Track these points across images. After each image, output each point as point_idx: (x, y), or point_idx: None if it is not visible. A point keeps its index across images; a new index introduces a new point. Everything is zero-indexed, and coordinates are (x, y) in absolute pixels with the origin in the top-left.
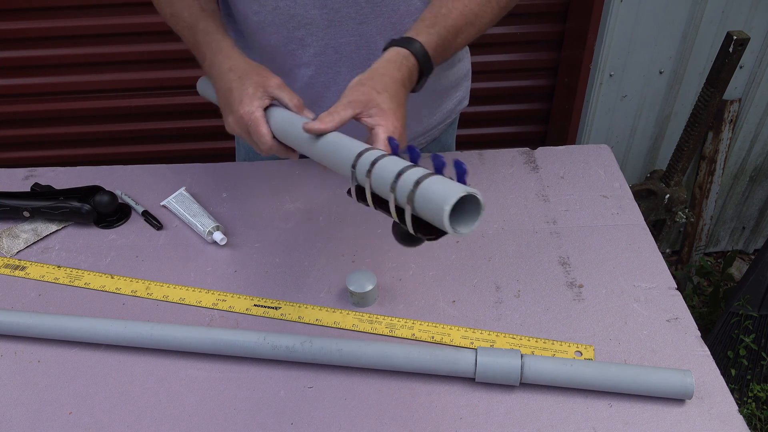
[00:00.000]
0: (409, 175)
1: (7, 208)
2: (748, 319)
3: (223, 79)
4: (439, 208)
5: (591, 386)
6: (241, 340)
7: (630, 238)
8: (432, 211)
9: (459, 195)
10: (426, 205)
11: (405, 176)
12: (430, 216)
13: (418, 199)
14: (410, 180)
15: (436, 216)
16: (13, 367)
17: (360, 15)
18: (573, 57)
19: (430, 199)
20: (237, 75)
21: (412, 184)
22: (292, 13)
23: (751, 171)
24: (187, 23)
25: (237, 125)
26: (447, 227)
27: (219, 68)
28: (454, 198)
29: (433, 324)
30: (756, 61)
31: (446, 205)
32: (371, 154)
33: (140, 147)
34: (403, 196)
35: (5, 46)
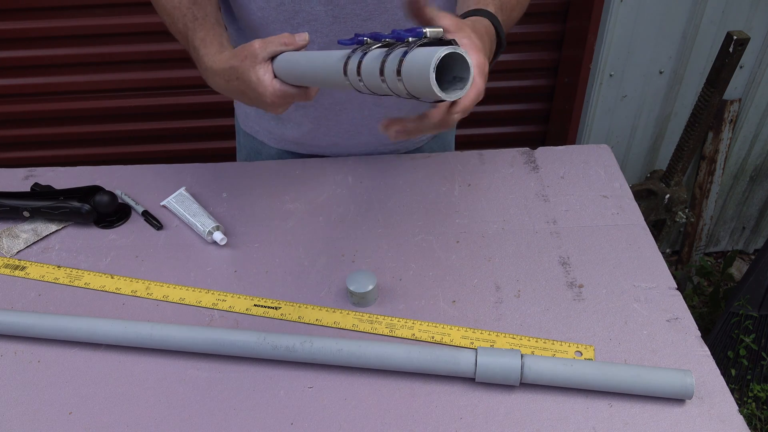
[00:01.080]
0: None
1: (7, 208)
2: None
3: (231, 91)
4: (425, 80)
5: (591, 386)
6: (241, 340)
7: (630, 238)
8: (421, 84)
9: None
10: (413, 83)
11: (387, 66)
12: (422, 90)
13: (406, 80)
14: (392, 66)
15: (425, 87)
16: (13, 367)
17: (365, 11)
18: (573, 57)
19: (415, 74)
20: (234, 78)
21: (394, 69)
22: (296, 9)
23: (751, 171)
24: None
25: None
26: (440, 94)
27: (218, 86)
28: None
29: (433, 324)
30: (756, 61)
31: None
32: (354, 58)
33: (140, 147)
34: (393, 82)
35: (5, 46)
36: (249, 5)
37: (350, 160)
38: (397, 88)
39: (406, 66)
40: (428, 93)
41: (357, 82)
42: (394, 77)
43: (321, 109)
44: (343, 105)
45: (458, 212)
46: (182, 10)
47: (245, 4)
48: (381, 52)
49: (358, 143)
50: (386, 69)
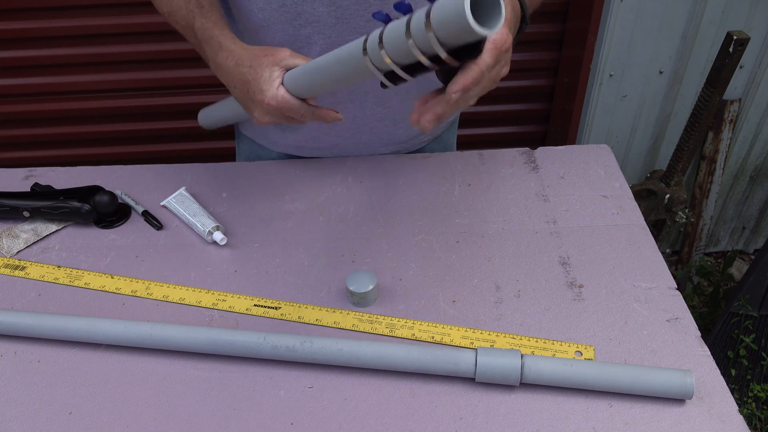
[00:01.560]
0: (416, 16)
1: (7, 208)
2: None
3: (233, 74)
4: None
5: (591, 386)
6: (241, 340)
7: (630, 238)
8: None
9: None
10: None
11: (414, 21)
12: (456, 31)
13: (436, 26)
14: (419, 18)
15: (460, 24)
16: (13, 367)
17: (368, 12)
18: (573, 57)
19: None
20: (247, 66)
21: (423, 19)
22: (299, 11)
23: (751, 171)
24: (186, 22)
25: (267, 114)
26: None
27: (225, 66)
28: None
29: (433, 324)
30: (756, 61)
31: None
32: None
33: (140, 147)
34: (423, 36)
35: (5, 46)
36: (250, 6)
37: (350, 160)
38: (426, 44)
39: (436, 10)
40: (463, 31)
41: (378, 56)
42: (423, 30)
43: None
44: (344, 104)
45: (458, 212)
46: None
47: (246, 5)
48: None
49: (359, 142)
50: (413, 25)
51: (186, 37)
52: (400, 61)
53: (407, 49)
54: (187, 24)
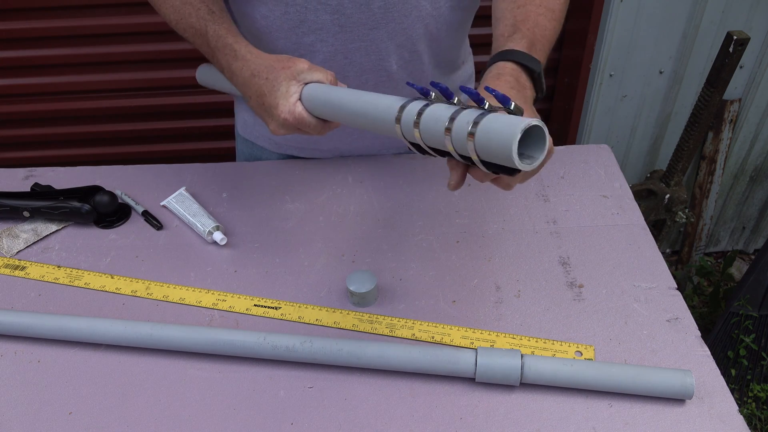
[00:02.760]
0: (460, 121)
1: (7, 208)
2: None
3: (249, 86)
4: (507, 144)
5: (591, 386)
6: (241, 340)
7: (630, 238)
8: (497, 147)
9: (524, 127)
10: (489, 146)
11: (457, 124)
12: (498, 156)
13: (479, 141)
14: (463, 124)
15: (504, 154)
16: (13, 367)
17: (371, 20)
18: (573, 57)
19: (492, 139)
20: (263, 78)
21: (466, 128)
22: (302, 18)
23: (751, 171)
24: (195, 29)
25: (283, 128)
26: (518, 163)
27: (240, 76)
28: (520, 129)
29: (433, 324)
30: (756, 61)
31: (513, 140)
32: (414, 105)
33: (140, 147)
34: (462, 141)
35: (5, 46)
36: (252, 13)
37: (350, 160)
38: (461, 145)
39: (483, 127)
40: (502, 157)
41: (410, 129)
42: (464, 133)
43: None
44: None
45: (458, 212)
46: (194, 5)
47: (248, 11)
48: (449, 107)
49: (360, 147)
50: (456, 124)
51: (195, 44)
52: (432, 145)
53: (441, 141)
54: (198, 31)
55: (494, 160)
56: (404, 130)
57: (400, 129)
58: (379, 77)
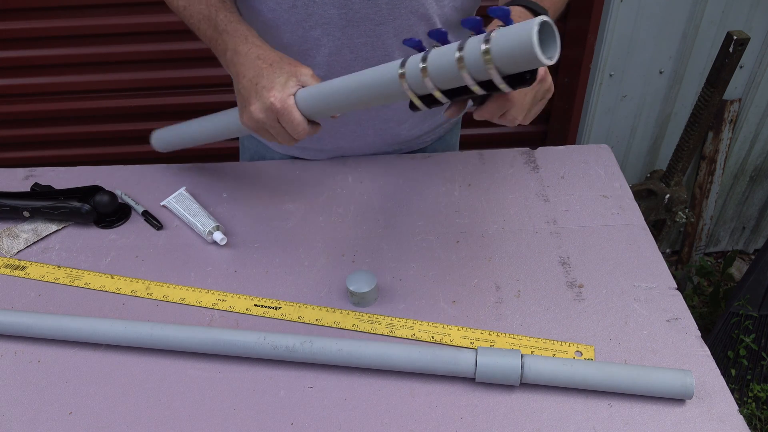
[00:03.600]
0: (471, 43)
1: (7, 208)
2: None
3: (250, 66)
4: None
5: (591, 386)
6: (241, 340)
7: (630, 238)
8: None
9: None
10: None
11: (467, 47)
12: (518, 58)
13: (497, 53)
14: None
15: (525, 53)
16: (13, 367)
17: (378, 16)
18: (573, 57)
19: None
20: (267, 63)
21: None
22: (309, 12)
23: (751, 171)
24: (204, 15)
25: (263, 112)
26: (541, 58)
27: (246, 56)
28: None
29: (433, 324)
30: (756, 61)
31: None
32: (414, 58)
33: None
34: (478, 62)
35: (5, 46)
36: (259, 6)
37: (350, 160)
38: (481, 72)
39: (500, 37)
40: (528, 61)
41: (419, 80)
42: (479, 56)
43: None
44: None
45: (458, 212)
46: None
47: (255, 5)
48: (449, 45)
49: (363, 145)
50: (467, 53)
51: (199, 30)
52: (444, 87)
53: (457, 76)
54: (206, 16)
55: (518, 68)
56: (412, 83)
57: (407, 84)
58: None
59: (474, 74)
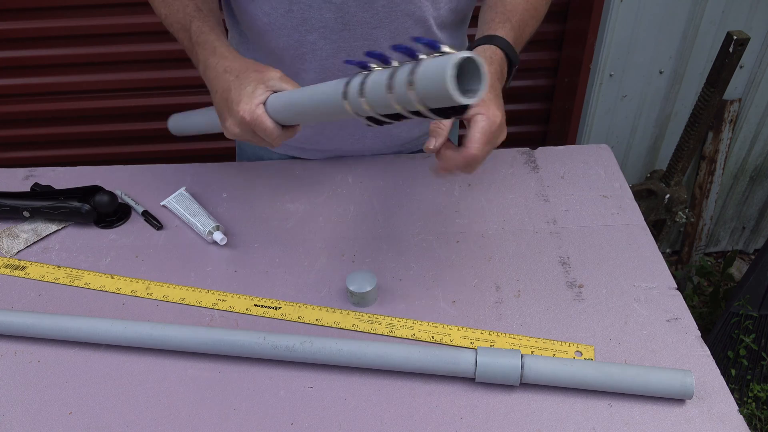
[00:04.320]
0: (399, 76)
1: (7, 208)
2: (748, 319)
3: (219, 81)
4: (442, 81)
5: (591, 386)
6: (241, 340)
7: (630, 238)
8: (436, 87)
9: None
10: (429, 86)
11: (396, 80)
12: (438, 98)
13: (419, 88)
14: (402, 78)
15: (441, 91)
16: (13, 367)
17: (374, 19)
18: (573, 57)
19: (430, 79)
20: (234, 75)
21: (405, 80)
22: (305, 17)
23: (751, 171)
24: (181, 24)
25: (238, 126)
26: (457, 97)
27: (214, 70)
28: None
29: (433, 324)
30: (756, 61)
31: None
32: (357, 79)
33: (140, 147)
34: (404, 95)
35: (5, 46)
36: (255, 11)
37: (350, 160)
38: (405, 99)
39: (421, 72)
40: (443, 97)
41: (357, 103)
42: (404, 86)
43: None
44: None
45: (458, 212)
46: (183, 2)
47: (250, 9)
48: (387, 69)
49: (362, 147)
50: (396, 79)
51: (179, 40)
52: (382, 112)
53: (388, 103)
54: (183, 26)
55: (439, 104)
56: (353, 105)
57: (350, 106)
58: None
59: (404, 105)
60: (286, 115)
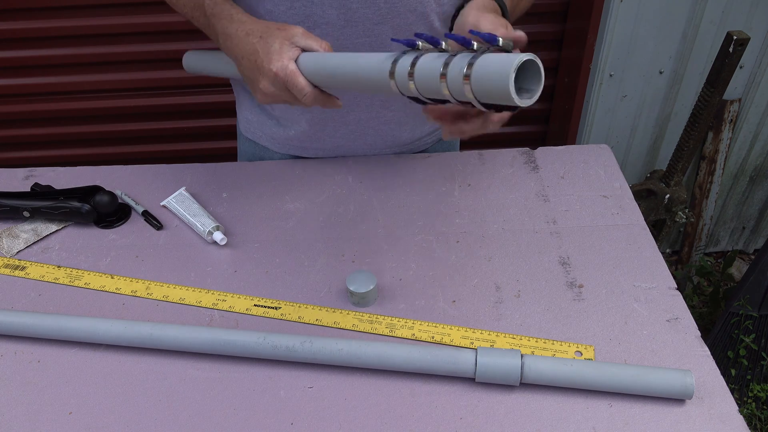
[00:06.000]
0: (455, 65)
1: (7, 208)
2: (748, 319)
3: (242, 45)
4: (503, 82)
5: (591, 386)
6: (241, 340)
7: (630, 238)
8: (494, 86)
9: (517, 63)
10: (487, 84)
11: (452, 69)
12: (494, 95)
13: (476, 83)
14: (458, 69)
15: (501, 92)
16: (13, 367)
17: (377, 15)
18: (573, 57)
19: (488, 79)
20: (257, 36)
21: (462, 71)
22: (308, 13)
23: (751, 171)
24: (194, 3)
25: (272, 85)
26: (515, 100)
27: (235, 36)
28: (514, 66)
29: (433, 324)
30: (756, 61)
31: (509, 77)
32: (405, 58)
33: (140, 147)
34: (458, 85)
35: (5, 46)
36: (256, 7)
37: (350, 160)
38: (458, 90)
39: (478, 68)
40: (500, 96)
41: (405, 83)
42: (460, 77)
43: (327, 109)
44: (350, 106)
45: (458, 212)
46: None
47: (252, 6)
48: (441, 55)
49: (363, 144)
50: (450, 70)
51: (192, 19)
52: (428, 95)
53: (438, 89)
54: (196, 4)
55: (493, 101)
56: (399, 84)
57: (395, 84)
58: None
59: (455, 95)
60: (320, 78)
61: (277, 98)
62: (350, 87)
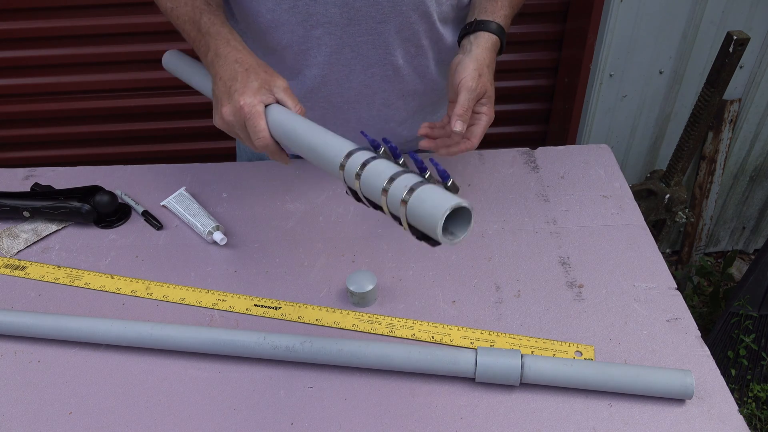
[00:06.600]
0: (395, 187)
1: (7, 208)
2: (748, 319)
3: (226, 68)
4: (432, 224)
5: (591, 386)
6: (241, 340)
7: (630, 238)
8: (425, 220)
9: (450, 207)
10: (418, 218)
11: (393, 187)
12: (422, 224)
13: (411, 209)
14: (398, 192)
15: (428, 226)
16: (13, 367)
17: (380, 14)
18: (573, 57)
19: (421, 212)
20: (243, 67)
21: (402, 194)
22: (310, 12)
23: (751, 171)
24: (189, 17)
25: (233, 115)
26: (440, 238)
27: (225, 58)
28: (446, 210)
29: (433, 324)
30: (756, 61)
31: (438, 221)
32: (360, 155)
33: (140, 147)
34: (396, 203)
35: (5, 46)
36: (258, 7)
37: None
38: (394, 207)
39: (416, 198)
40: (427, 229)
41: (352, 179)
42: (398, 199)
43: (329, 107)
44: (351, 104)
45: None
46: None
47: (253, 6)
48: (392, 168)
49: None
50: (393, 187)
51: (184, 32)
52: (368, 197)
53: (377, 198)
54: (191, 18)
55: (421, 229)
56: (347, 177)
57: (343, 175)
58: (385, 71)
59: (391, 209)
60: (280, 133)
61: (231, 129)
62: (304, 155)
